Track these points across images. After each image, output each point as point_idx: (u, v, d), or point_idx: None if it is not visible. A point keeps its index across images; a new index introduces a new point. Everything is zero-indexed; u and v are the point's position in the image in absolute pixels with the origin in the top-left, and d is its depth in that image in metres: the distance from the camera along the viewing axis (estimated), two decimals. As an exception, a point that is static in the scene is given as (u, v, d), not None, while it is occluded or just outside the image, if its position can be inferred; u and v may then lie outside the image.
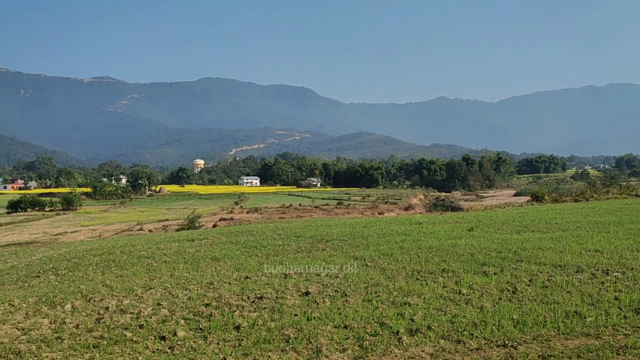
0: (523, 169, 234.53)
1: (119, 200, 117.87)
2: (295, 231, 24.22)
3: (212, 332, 8.57)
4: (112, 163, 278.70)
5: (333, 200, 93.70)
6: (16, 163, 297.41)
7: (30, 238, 44.98)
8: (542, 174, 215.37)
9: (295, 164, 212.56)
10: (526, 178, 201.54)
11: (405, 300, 9.84)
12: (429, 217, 31.65)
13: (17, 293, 13.76)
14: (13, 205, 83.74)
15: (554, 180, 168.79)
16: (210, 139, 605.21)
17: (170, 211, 77.85)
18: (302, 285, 11.63)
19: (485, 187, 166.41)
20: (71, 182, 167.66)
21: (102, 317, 9.98)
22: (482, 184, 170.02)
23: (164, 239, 25.59)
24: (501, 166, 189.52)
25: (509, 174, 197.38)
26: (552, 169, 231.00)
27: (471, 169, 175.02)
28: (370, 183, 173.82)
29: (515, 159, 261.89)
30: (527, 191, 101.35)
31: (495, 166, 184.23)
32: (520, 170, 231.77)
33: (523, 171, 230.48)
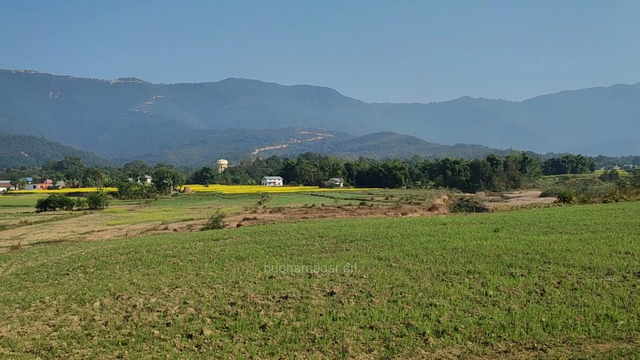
0: (549, 170, 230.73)
1: (145, 199, 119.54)
2: (318, 231, 24.24)
3: (238, 331, 8.62)
4: (138, 163, 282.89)
5: (356, 200, 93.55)
6: (45, 163, 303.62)
7: (59, 236, 45.88)
8: (569, 174, 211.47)
9: (318, 164, 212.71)
10: (552, 179, 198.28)
11: (431, 301, 9.76)
12: (453, 218, 31.36)
13: (47, 290, 14.05)
14: (42, 204, 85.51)
15: (581, 181, 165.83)
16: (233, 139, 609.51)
17: (194, 211, 78.62)
18: (327, 286, 11.63)
19: (510, 188, 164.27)
20: (98, 182, 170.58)
21: (130, 315, 10.13)
22: (507, 185, 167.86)
23: (189, 238, 25.86)
24: (527, 166, 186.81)
25: (534, 174, 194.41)
26: (580, 170, 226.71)
27: (496, 169, 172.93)
28: (394, 183, 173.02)
29: (542, 159, 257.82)
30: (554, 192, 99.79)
31: (520, 166, 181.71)
32: (547, 170, 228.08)
33: (549, 172, 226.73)
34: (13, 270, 19.47)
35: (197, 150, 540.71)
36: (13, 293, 14.15)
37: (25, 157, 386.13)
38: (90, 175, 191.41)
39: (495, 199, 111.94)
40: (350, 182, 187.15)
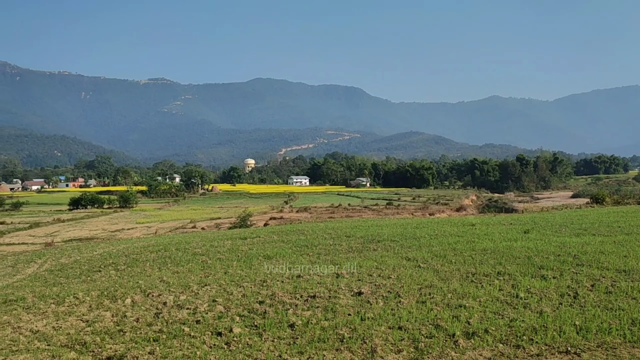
0: (581, 170, 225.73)
1: (173, 198, 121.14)
2: (345, 231, 24.24)
3: (266, 329, 8.67)
4: (167, 162, 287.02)
5: (382, 200, 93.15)
6: (77, 162, 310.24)
7: (90, 234, 46.84)
8: (602, 175, 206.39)
9: (345, 163, 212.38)
10: (584, 179, 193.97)
11: (460, 302, 9.66)
12: (482, 219, 30.98)
13: (80, 286, 14.36)
14: (74, 202, 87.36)
15: (614, 182, 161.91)
16: (260, 139, 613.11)
17: (222, 209, 79.38)
18: (355, 285, 11.61)
19: (540, 189, 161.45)
20: (128, 181, 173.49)
21: (160, 312, 10.28)
22: (537, 185, 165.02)
23: (217, 237, 26.13)
24: (557, 167, 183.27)
25: (565, 175, 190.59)
26: (613, 170, 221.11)
27: (525, 170, 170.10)
28: (421, 183, 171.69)
29: (573, 160, 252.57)
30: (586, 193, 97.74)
31: (551, 167, 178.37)
32: (578, 171, 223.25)
33: (581, 172, 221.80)
34: (48, 267, 19.98)
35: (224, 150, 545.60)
36: (48, 289, 14.51)
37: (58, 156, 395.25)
38: (120, 174, 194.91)
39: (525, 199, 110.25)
40: (376, 182, 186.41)
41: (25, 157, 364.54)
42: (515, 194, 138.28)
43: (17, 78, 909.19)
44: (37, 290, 14.27)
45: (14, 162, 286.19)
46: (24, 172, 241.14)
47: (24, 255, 26.11)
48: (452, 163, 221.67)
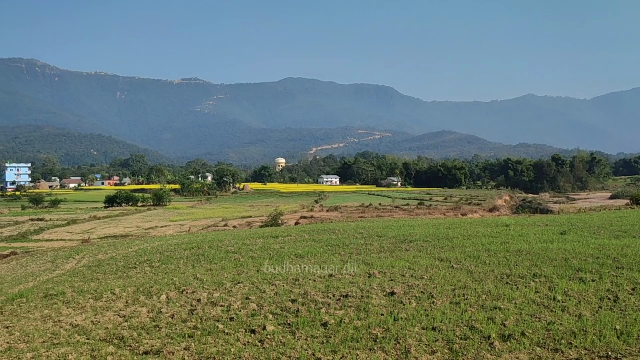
0: (620, 170, 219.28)
1: (205, 196, 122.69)
2: (376, 230, 24.12)
3: (299, 327, 8.71)
4: (199, 161, 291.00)
5: (414, 200, 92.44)
6: (112, 160, 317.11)
7: (125, 231, 47.81)
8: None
9: (375, 163, 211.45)
10: (623, 180, 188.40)
11: (495, 304, 9.52)
12: (516, 219, 30.42)
13: (117, 282, 14.68)
14: (109, 200, 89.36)
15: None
16: (291, 138, 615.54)
17: (253, 208, 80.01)
18: (387, 285, 11.56)
19: (576, 189, 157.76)
20: (161, 179, 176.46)
21: (194, 309, 10.43)
22: (573, 186, 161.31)
23: (249, 235, 26.34)
24: (595, 167, 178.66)
25: (603, 175, 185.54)
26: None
27: (561, 170, 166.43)
28: (453, 183, 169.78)
29: (611, 159, 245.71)
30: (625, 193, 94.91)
31: (588, 167, 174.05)
32: (617, 171, 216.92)
33: (620, 172, 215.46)
34: (85, 263, 20.47)
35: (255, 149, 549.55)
36: (86, 284, 14.88)
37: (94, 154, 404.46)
38: (154, 173, 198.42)
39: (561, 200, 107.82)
40: (408, 182, 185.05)
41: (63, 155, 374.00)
42: (551, 195, 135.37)
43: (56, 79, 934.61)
44: (76, 285, 14.64)
45: (53, 160, 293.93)
46: (62, 170, 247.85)
47: (63, 251, 26.82)
48: (485, 163, 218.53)
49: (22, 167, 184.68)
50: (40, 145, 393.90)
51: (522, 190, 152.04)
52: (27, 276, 18.36)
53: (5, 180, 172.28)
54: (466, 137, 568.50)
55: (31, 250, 33.05)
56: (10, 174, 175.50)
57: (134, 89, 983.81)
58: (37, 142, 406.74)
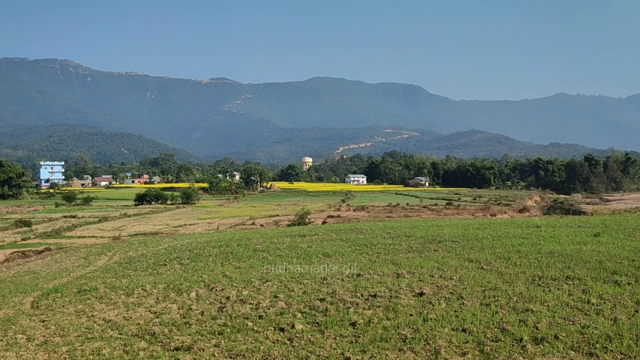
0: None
1: (233, 195, 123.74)
2: (404, 230, 23.98)
3: (328, 326, 8.71)
4: (227, 160, 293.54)
5: (442, 200, 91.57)
6: (142, 159, 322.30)
7: (155, 229, 48.52)
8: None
9: (403, 162, 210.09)
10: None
11: (527, 306, 9.37)
12: (547, 220, 29.89)
13: (148, 279, 14.92)
14: (139, 198, 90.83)
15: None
16: (318, 138, 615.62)
17: (280, 207, 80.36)
18: (416, 286, 11.48)
19: (610, 190, 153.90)
20: (190, 178, 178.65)
21: (224, 306, 10.53)
22: (607, 187, 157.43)
23: (276, 234, 26.47)
24: (630, 167, 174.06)
25: (639, 176, 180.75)
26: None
27: (594, 170, 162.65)
28: (482, 183, 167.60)
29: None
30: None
31: (622, 167, 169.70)
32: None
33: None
34: (117, 259, 20.86)
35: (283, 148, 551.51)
36: (118, 280, 15.16)
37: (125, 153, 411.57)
38: (183, 171, 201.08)
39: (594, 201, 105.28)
40: (436, 182, 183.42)
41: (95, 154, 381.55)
42: (583, 196, 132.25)
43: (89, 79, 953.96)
44: (108, 282, 14.94)
45: (85, 159, 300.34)
46: (94, 168, 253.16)
47: (95, 248, 27.39)
48: (515, 163, 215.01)
49: (56, 165, 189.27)
50: (73, 144, 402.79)
51: (553, 191, 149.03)
52: (61, 272, 18.80)
53: (40, 178, 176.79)
54: (495, 137, 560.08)
55: (64, 246, 33.84)
56: (45, 172, 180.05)
57: (164, 88, 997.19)
58: (70, 140, 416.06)
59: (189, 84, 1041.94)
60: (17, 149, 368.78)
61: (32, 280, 17.09)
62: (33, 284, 15.93)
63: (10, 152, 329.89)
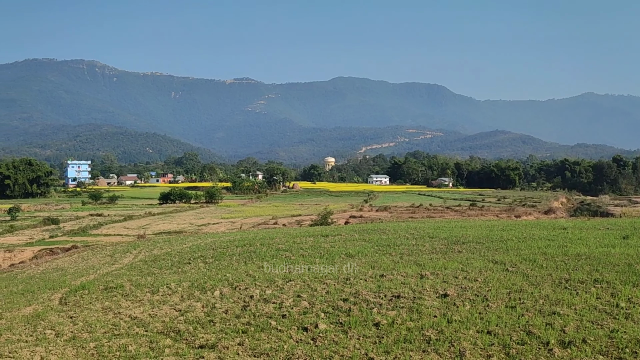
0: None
1: (256, 194, 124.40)
2: (428, 231, 23.80)
3: (352, 327, 8.71)
4: (250, 160, 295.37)
5: (465, 201, 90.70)
6: (167, 158, 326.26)
7: (179, 228, 49.08)
8: None
9: (426, 162, 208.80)
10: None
11: (554, 309, 9.22)
12: (574, 222, 29.36)
13: (172, 277, 15.10)
14: (164, 197, 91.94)
15: None
16: (341, 138, 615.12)
17: (302, 207, 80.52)
18: (440, 287, 11.40)
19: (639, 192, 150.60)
20: (213, 177, 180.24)
21: (247, 305, 10.60)
22: (636, 188, 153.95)
23: (299, 234, 26.52)
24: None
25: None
26: None
27: (623, 172, 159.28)
28: (506, 184, 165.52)
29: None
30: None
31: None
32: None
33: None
34: (142, 257, 21.15)
35: (305, 148, 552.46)
36: (143, 278, 15.37)
37: (149, 152, 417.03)
38: (206, 171, 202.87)
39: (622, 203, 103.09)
40: (459, 182, 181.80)
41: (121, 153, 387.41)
42: (611, 197, 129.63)
43: (115, 79, 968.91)
44: (134, 279, 15.15)
45: (111, 158, 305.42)
46: (120, 167, 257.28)
47: (120, 246, 27.82)
48: (541, 163, 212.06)
49: (82, 164, 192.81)
50: (99, 144, 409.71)
51: (580, 192, 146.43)
52: (88, 269, 19.14)
53: (67, 177, 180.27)
54: (521, 137, 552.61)
55: (91, 244, 34.44)
56: (72, 171, 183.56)
57: (188, 89, 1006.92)
58: (97, 140, 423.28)
59: (213, 84, 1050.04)
60: (45, 148, 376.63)
61: (60, 277, 17.44)
62: (61, 281, 16.26)
63: (39, 151, 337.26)
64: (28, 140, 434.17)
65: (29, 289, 15.53)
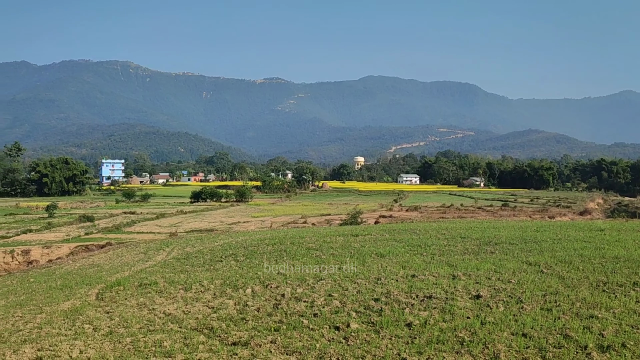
0: None
1: (285, 194, 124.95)
2: (459, 232, 23.53)
3: (384, 327, 8.67)
4: (279, 159, 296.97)
5: (497, 201, 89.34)
6: (198, 158, 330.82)
7: (210, 226, 49.62)
8: None
9: (457, 162, 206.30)
10: None
11: (591, 312, 9.01)
12: (611, 224, 28.61)
13: (205, 275, 15.30)
14: (195, 195, 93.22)
15: None
16: (370, 137, 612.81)
17: (331, 206, 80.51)
18: (472, 288, 11.26)
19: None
20: (243, 176, 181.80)
21: (279, 303, 10.66)
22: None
23: (329, 233, 26.53)
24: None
25: None
26: None
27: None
28: (540, 184, 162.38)
29: None
30: None
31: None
32: None
33: None
34: (174, 255, 21.47)
35: (334, 147, 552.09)
36: (176, 275, 15.62)
37: (181, 152, 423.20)
38: (237, 170, 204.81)
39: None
40: (491, 182, 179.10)
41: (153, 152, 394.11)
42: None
43: (148, 80, 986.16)
44: (167, 276, 15.41)
45: (144, 157, 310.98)
46: (152, 166, 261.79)
47: (154, 244, 28.30)
48: (576, 163, 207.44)
49: (116, 163, 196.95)
50: (132, 143, 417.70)
51: (617, 193, 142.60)
52: (122, 266, 19.54)
53: (102, 175, 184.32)
54: (555, 137, 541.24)
55: (124, 241, 35.14)
56: (106, 169, 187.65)
57: (219, 88, 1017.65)
58: (130, 139, 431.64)
59: (243, 84, 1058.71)
60: (81, 147, 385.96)
61: (96, 273, 17.85)
62: (97, 277, 16.64)
63: (74, 150, 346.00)
64: (65, 139, 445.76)
65: (66, 284, 15.94)
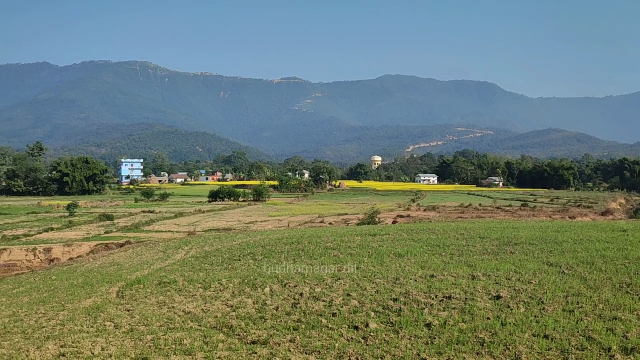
0: None
1: (302, 193, 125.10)
2: (478, 232, 23.34)
3: (403, 327, 8.63)
4: (296, 158, 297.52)
5: (516, 201, 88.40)
6: (216, 157, 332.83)
7: (227, 225, 49.87)
8: None
9: (476, 162, 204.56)
10: None
11: (615, 314, 8.87)
12: (634, 224, 28.12)
13: (223, 273, 15.38)
14: (213, 194, 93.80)
15: None
16: (388, 136, 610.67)
17: (348, 205, 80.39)
18: (492, 289, 11.15)
19: None
20: (261, 175, 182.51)
21: (297, 302, 10.67)
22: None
23: (346, 232, 26.50)
24: None
25: None
26: None
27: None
28: (560, 184, 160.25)
29: None
30: None
31: None
32: None
33: None
34: (193, 254, 21.63)
35: (351, 147, 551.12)
36: (195, 274, 15.72)
37: (199, 151, 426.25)
38: (254, 169, 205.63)
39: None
40: (510, 182, 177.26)
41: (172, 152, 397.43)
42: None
43: (166, 80, 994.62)
44: (186, 275, 15.52)
45: (162, 156, 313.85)
46: (170, 165, 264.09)
47: (172, 242, 28.54)
48: (597, 163, 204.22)
49: (135, 162, 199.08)
50: (151, 142, 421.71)
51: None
52: (142, 264, 19.73)
53: (121, 174, 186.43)
54: (575, 136, 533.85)
55: (143, 240, 35.48)
56: (125, 168, 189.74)
57: (237, 88, 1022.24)
58: (149, 139, 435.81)
59: (261, 83, 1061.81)
60: (100, 146, 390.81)
61: (117, 271, 18.05)
62: (117, 275, 16.83)
63: (94, 150, 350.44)
64: (85, 139, 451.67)
65: (88, 282, 16.15)
